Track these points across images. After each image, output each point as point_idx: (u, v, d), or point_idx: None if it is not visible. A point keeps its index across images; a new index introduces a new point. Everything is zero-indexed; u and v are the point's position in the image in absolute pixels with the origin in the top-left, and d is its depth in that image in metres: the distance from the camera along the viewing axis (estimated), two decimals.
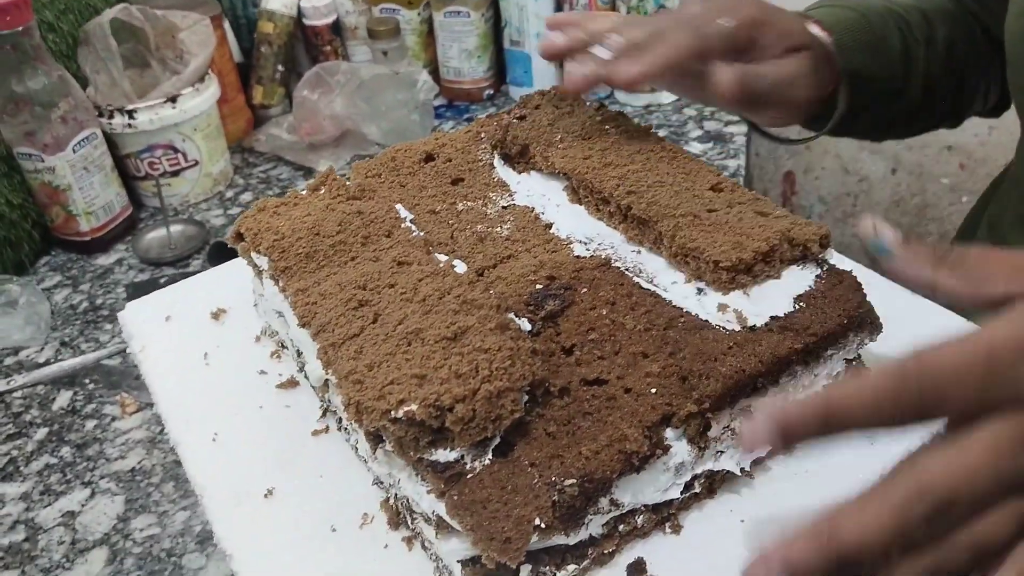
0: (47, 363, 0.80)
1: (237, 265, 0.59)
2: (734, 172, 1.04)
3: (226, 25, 1.14)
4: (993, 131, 1.12)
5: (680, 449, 0.39)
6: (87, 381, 0.77)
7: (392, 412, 0.36)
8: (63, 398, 0.76)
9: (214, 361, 0.53)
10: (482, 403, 0.36)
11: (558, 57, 0.57)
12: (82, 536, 0.63)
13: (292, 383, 0.51)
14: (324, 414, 0.48)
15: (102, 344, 0.82)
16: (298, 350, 0.48)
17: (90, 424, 0.73)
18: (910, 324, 0.51)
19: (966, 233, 0.74)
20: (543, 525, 0.35)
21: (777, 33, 0.55)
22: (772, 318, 0.42)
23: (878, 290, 0.49)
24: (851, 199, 1.27)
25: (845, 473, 0.42)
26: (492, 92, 1.23)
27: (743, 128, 1.12)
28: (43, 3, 0.95)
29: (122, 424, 0.72)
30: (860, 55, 0.59)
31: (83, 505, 0.65)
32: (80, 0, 1.01)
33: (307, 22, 1.17)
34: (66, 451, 0.70)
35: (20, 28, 0.82)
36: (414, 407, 0.35)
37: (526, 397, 0.38)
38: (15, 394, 0.77)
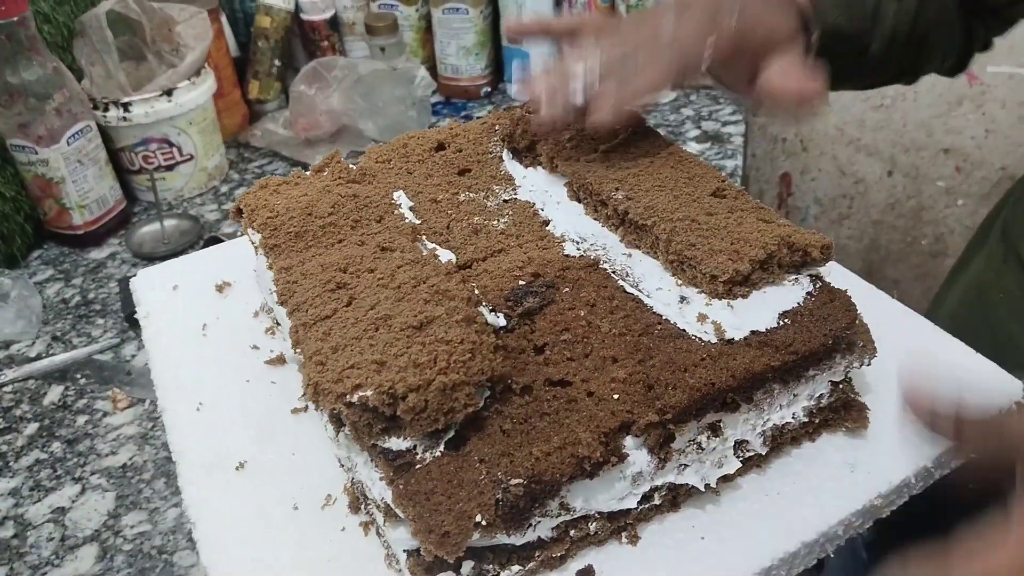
0: (38, 357, 0.80)
1: (245, 241, 0.60)
2: (731, 172, 1.02)
3: (223, 19, 1.14)
4: (989, 135, 1.10)
5: (639, 458, 0.38)
6: (78, 376, 0.77)
7: (347, 396, 0.36)
8: (54, 393, 0.76)
9: (211, 333, 0.54)
10: (435, 394, 0.35)
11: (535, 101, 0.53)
12: (72, 533, 0.63)
13: (281, 360, 0.51)
14: (304, 393, 0.49)
15: (94, 339, 0.82)
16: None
17: (81, 419, 0.73)
18: (913, 349, 0.49)
19: (977, 243, 0.72)
20: (484, 523, 0.34)
21: (761, 40, 0.51)
22: (752, 332, 0.41)
23: (884, 313, 0.47)
24: (847, 201, 1.25)
25: (815, 497, 0.41)
26: (489, 90, 1.23)
27: (740, 129, 1.11)
28: None
29: (113, 420, 0.72)
30: (834, 10, 0.55)
31: (73, 501, 0.65)
32: None
33: (304, 17, 1.17)
34: (56, 446, 0.70)
35: (15, 18, 0.82)
36: (368, 393, 0.35)
37: (487, 392, 0.38)
38: (5, 388, 0.77)
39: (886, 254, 1.28)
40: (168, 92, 0.98)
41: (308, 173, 0.54)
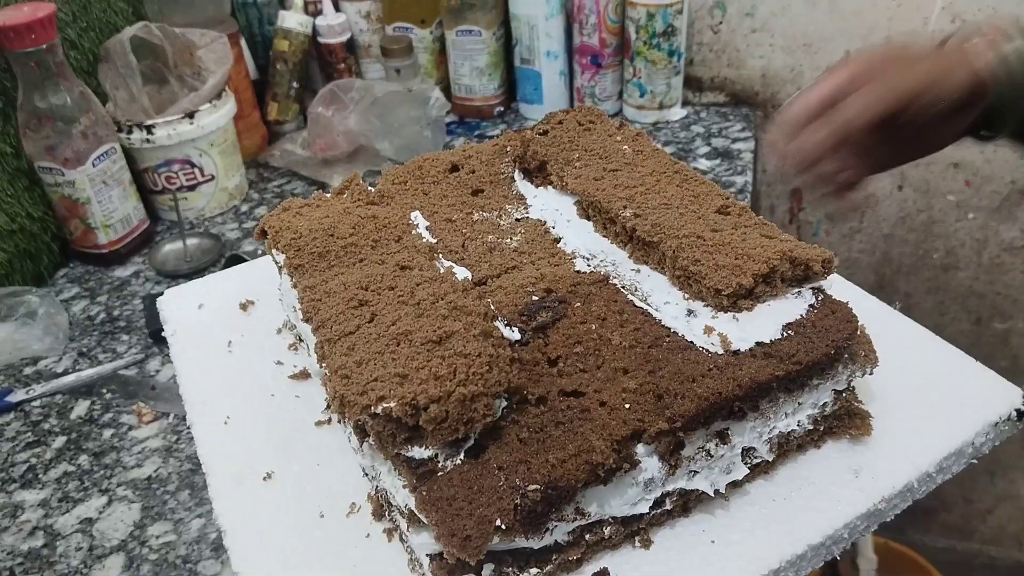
0: (65, 373, 0.82)
1: (268, 260, 0.62)
2: (741, 188, 1.03)
3: (243, 43, 1.17)
4: (998, 149, 1.12)
5: (650, 465, 0.40)
6: (104, 391, 0.79)
7: (372, 407, 0.38)
8: (81, 407, 0.78)
9: (236, 349, 0.57)
10: (455, 405, 0.37)
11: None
12: (99, 543, 0.64)
13: (304, 375, 0.54)
14: (328, 406, 0.51)
15: (119, 355, 0.84)
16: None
17: (107, 433, 0.75)
18: (915, 358, 0.50)
19: None
20: (503, 527, 0.36)
21: (935, 100, 0.52)
22: (757, 344, 0.42)
23: (886, 323, 0.49)
24: (858, 215, 1.26)
25: (821, 501, 0.43)
26: (502, 109, 1.26)
27: (750, 145, 1.13)
28: (66, 21, 0.97)
29: (138, 433, 0.74)
30: None
31: (100, 512, 0.67)
32: (101, 18, 1.04)
33: (322, 40, 1.19)
34: (84, 459, 0.72)
35: (44, 46, 0.85)
36: (392, 404, 0.37)
37: (504, 403, 0.40)
38: (34, 403, 0.79)
39: (897, 267, 1.29)
40: (190, 115, 1.00)
41: (329, 195, 0.56)
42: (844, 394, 0.45)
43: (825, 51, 1.16)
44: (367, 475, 0.45)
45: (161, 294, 0.63)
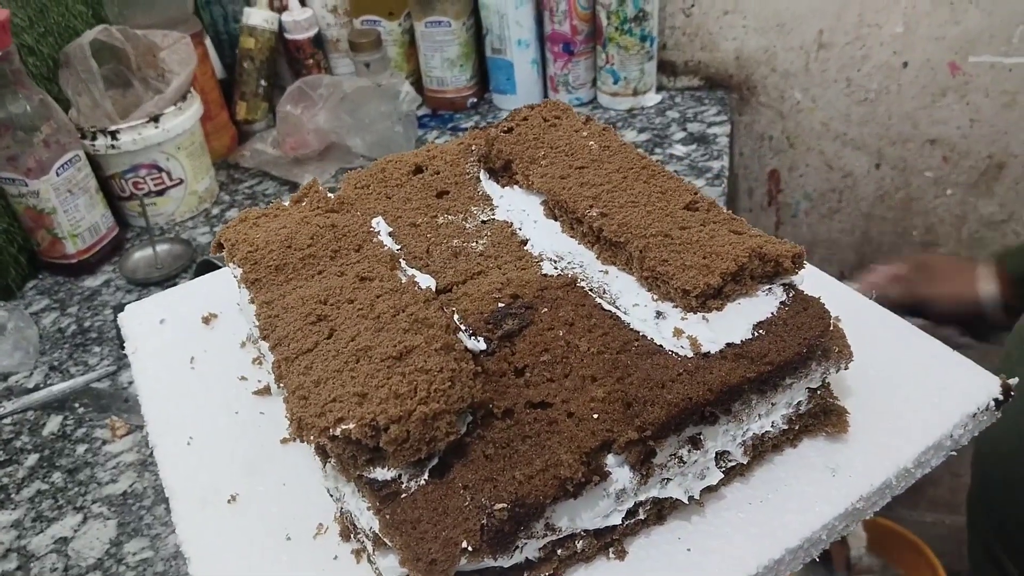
0: (36, 388, 0.81)
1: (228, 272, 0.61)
2: (718, 173, 1.03)
3: (207, 42, 1.14)
4: (975, 124, 1.12)
5: (621, 476, 0.39)
6: (77, 405, 0.78)
7: (330, 430, 0.36)
8: (53, 423, 0.77)
9: (199, 365, 0.55)
10: (416, 424, 0.36)
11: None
12: (75, 562, 0.63)
13: (268, 390, 0.52)
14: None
15: (91, 367, 0.82)
16: None
17: (81, 448, 0.73)
18: (890, 349, 0.50)
19: None
20: (470, 548, 0.35)
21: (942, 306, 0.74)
22: (728, 345, 0.41)
23: (861, 314, 0.48)
24: (836, 195, 1.27)
25: (798, 502, 0.42)
26: (475, 100, 1.24)
27: (726, 129, 1.12)
28: (22, 27, 0.96)
29: (113, 447, 0.73)
30: None
31: (75, 531, 0.66)
32: (60, 22, 1.02)
33: (289, 36, 1.17)
34: (57, 476, 0.71)
35: (0, 54, 0.83)
36: (351, 426, 0.36)
37: (469, 418, 0.39)
38: (5, 420, 0.77)
39: (878, 246, 1.29)
40: (155, 118, 0.98)
41: (287, 204, 0.54)
42: (819, 391, 0.44)
43: (798, 31, 1.15)
44: (332, 496, 0.44)
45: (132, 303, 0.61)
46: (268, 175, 1.13)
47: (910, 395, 0.47)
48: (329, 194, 0.55)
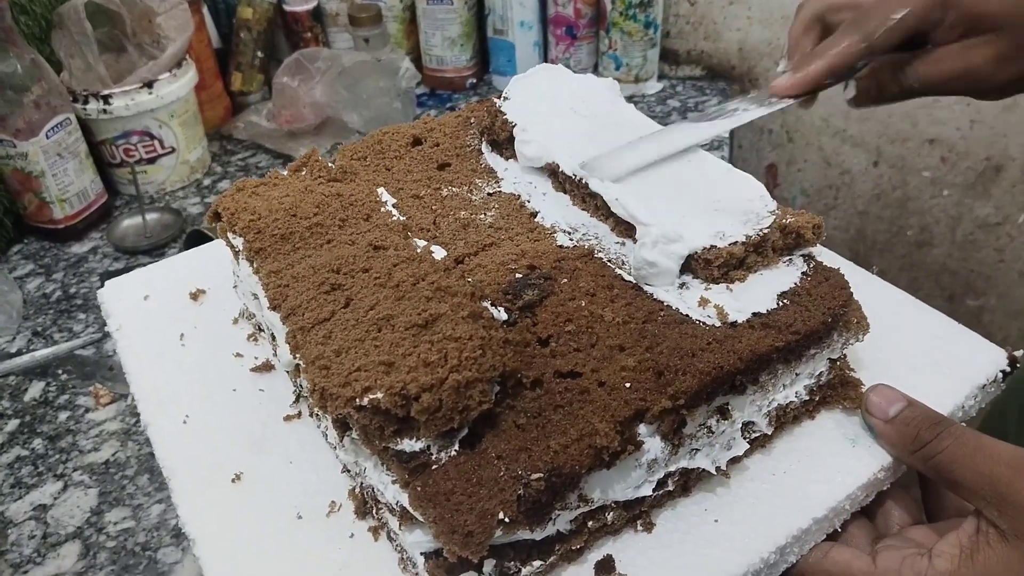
0: (19, 353, 0.78)
1: (217, 246, 0.58)
2: None
3: (204, 10, 1.11)
4: (975, 125, 1.13)
5: (653, 445, 0.38)
6: (60, 372, 0.76)
7: (357, 400, 0.35)
8: (35, 389, 0.74)
9: (190, 342, 0.52)
10: (449, 393, 0.35)
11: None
12: (54, 530, 0.61)
13: (267, 367, 0.50)
14: (297, 399, 0.47)
15: (76, 334, 0.80)
16: (272, 334, 0.47)
17: (63, 415, 0.71)
18: (898, 324, 0.50)
19: None
20: (507, 520, 0.34)
21: (959, 14, 0.52)
22: (754, 315, 0.41)
23: (867, 289, 0.48)
24: (833, 192, 1.27)
25: (821, 473, 0.42)
26: (475, 81, 1.22)
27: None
28: None
29: (96, 416, 0.71)
30: None
31: (55, 498, 0.64)
32: None
33: (287, 8, 1.15)
34: (38, 443, 0.69)
35: None
36: (379, 395, 0.34)
37: (497, 388, 0.37)
38: None
39: (872, 244, 1.29)
40: (149, 84, 0.95)
41: (285, 173, 0.52)
42: (838, 362, 0.44)
43: None
44: (348, 472, 0.42)
45: (120, 272, 0.58)
46: (262, 148, 1.10)
47: (921, 368, 0.47)
48: (329, 164, 0.53)
